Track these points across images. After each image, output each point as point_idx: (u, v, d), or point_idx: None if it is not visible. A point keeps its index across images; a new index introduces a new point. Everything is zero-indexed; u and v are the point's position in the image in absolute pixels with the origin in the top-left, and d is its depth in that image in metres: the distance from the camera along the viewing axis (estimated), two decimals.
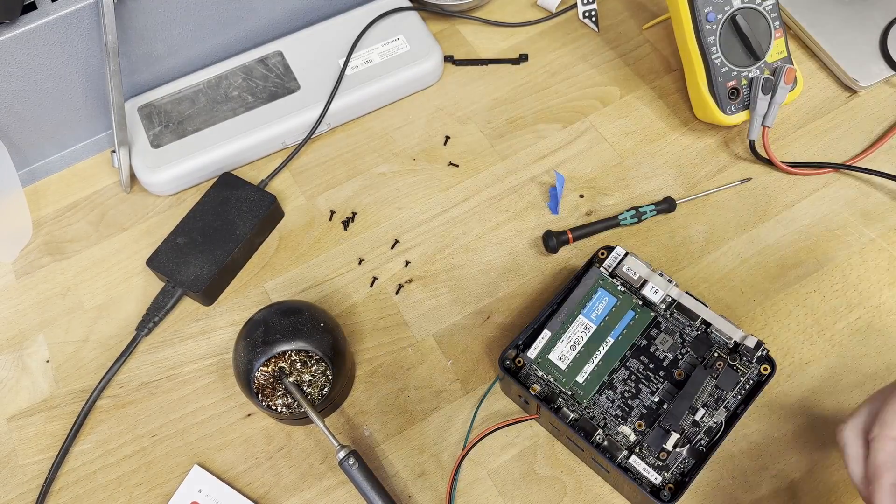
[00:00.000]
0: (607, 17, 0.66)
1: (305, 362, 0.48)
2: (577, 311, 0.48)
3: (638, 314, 0.47)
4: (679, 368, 0.46)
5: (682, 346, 0.46)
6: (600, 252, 0.49)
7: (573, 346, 0.47)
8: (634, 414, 0.45)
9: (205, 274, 0.54)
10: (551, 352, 0.47)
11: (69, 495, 0.49)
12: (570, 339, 0.47)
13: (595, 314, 0.47)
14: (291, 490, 0.49)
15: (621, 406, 0.45)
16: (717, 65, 0.56)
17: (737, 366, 0.45)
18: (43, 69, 0.55)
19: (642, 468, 0.43)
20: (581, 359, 0.46)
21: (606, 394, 0.46)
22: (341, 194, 0.59)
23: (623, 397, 0.45)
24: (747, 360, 0.45)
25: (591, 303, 0.48)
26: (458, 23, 0.67)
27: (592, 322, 0.47)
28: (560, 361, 0.46)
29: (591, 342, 0.47)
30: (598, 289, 0.48)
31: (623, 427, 0.45)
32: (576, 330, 0.47)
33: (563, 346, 0.47)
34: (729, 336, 0.46)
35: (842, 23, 0.62)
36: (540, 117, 0.62)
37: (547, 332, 0.47)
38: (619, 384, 0.46)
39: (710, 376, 0.45)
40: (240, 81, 0.61)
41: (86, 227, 0.59)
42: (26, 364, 0.54)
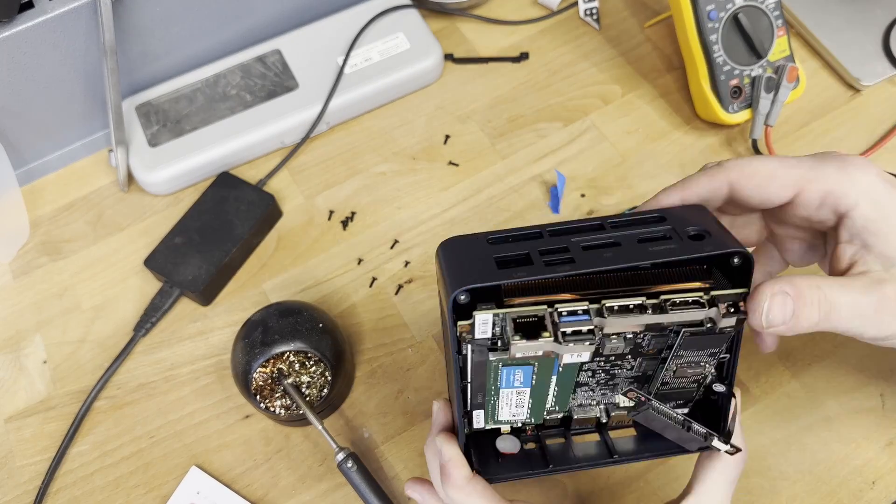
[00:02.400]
0: (608, 15, 0.66)
1: (304, 363, 0.48)
2: (494, 389, 0.35)
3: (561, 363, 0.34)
4: (647, 349, 0.35)
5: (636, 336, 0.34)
6: (461, 328, 0.32)
7: (518, 404, 0.36)
8: (620, 386, 0.37)
9: (203, 274, 0.53)
10: (498, 415, 0.37)
11: (67, 497, 0.49)
12: (508, 404, 0.36)
13: (518, 383, 0.35)
14: (290, 492, 0.48)
15: (603, 388, 0.37)
16: (720, 63, 0.56)
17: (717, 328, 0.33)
18: (40, 68, 0.54)
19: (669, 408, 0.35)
20: (537, 403, 0.37)
21: (581, 390, 0.37)
22: (340, 194, 0.59)
23: (600, 383, 0.37)
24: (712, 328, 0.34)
25: (504, 381, 0.35)
26: (458, 21, 0.66)
27: (521, 387, 0.35)
28: (515, 417, 0.37)
29: (536, 394, 0.36)
30: (500, 369, 0.34)
31: (617, 396, 0.37)
32: (508, 398, 0.36)
33: (506, 411, 0.37)
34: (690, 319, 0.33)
35: (845, 21, 0.62)
36: (541, 116, 0.61)
37: (477, 411, 0.37)
38: (589, 380, 0.36)
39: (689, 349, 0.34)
40: (238, 80, 0.60)
41: (83, 227, 0.59)
42: (23, 365, 0.53)
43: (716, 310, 0.32)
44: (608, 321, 0.32)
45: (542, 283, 0.32)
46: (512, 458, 0.39)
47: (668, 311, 0.32)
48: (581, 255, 0.32)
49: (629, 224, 0.35)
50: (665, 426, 0.36)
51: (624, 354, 0.35)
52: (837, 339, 0.51)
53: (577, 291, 0.32)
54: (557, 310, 0.32)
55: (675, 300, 0.32)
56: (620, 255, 0.32)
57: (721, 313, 0.32)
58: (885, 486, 0.46)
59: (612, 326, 0.32)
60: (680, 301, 0.32)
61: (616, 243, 0.33)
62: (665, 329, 0.33)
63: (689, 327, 0.33)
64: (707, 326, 0.33)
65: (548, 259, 0.32)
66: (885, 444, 0.47)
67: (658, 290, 0.32)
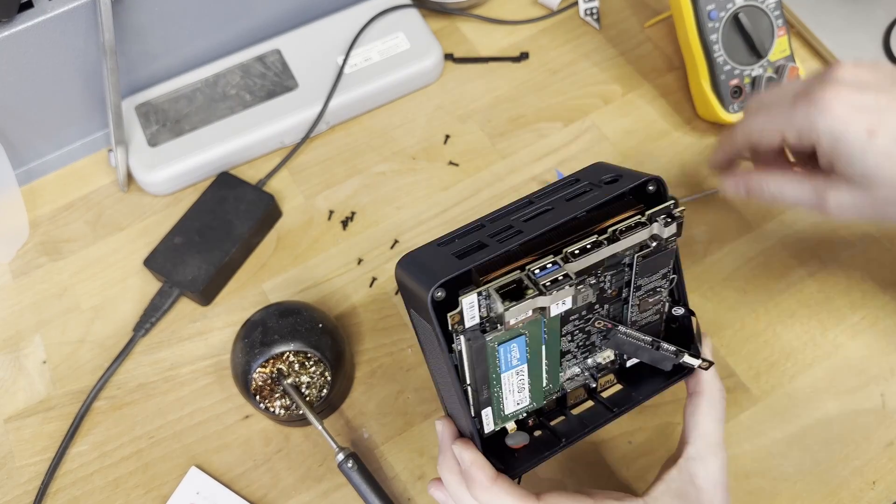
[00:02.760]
0: (609, 15, 0.66)
1: (304, 363, 0.47)
2: (495, 375, 0.37)
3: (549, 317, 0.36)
4: (610, 290, 0.38)
5: (598, 280, 0.37)
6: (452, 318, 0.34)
7: (519, 389, 0.38)
8: (598, 341, 0.40)
9: (202, 274, 0.53)
10: (504, 409, 0.39)
11: (66, 497, 0.49)
12: (511, 391, 0.38)
13: (515, 360, 0.37)
14: (290, 492, 0.48)
15: (584, 351, 0.40)
16: (720, 63, 0.56)
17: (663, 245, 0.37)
18: (40, 68, 0.54)
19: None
20: (535, 382, 0.39)
21: (566, 359, 0.40)
22: (340, 193, 0.59)
23: (580, 347, 0.40)
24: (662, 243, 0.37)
25: (502, 361, 0.36)
26: (459, 20, 0.66)
27: (518, 365, 0.37)
28: (518, 405, 0.39)
29: (531, 369, 0.38)
30: (497, 348, 0.36)
31: (598, 356, 0.41)
32: (510, 382, 0.38)
33: (510, 399, 0.38)
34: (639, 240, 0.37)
35: (845, 21, 0.62)
36: (541, 116, 0.61)
37: (485, 410, 0.38)
38: (570, 346, 0.39)
39: (645, 275, 0.38)
40: (238, 80, 0.60)
41: (82, 227, 0.58)
42: (23, 365, 0.53)
43: (657, 224, 0.36)
44: (575, 264, 0.35)
45: (504, 257, 0.35)
46: (524, 450, 0.40)
47: (619, 238, 0.36)
48: (525, 225, 0.36)
49: (553, 192, 0.39)
50: (637, 349, 0.40)
51: (592, 305, 0.38)
52: (838, 339, 0.51)
53: (535, 254, 0.36)
54: (530, 270, 0.35)
55: (621, 228, 0.36)
56: (558, 213, 0.36)
57: (662, 225, 0.36)
58: (885, 487, 0.46)
59: (578, 266, 0.35)
60: (626, 227, 0.36)
61: (550, 208, 0.37)
62: (621, 263, 0.37)
63: (640, 251, 0.37)
64: (653, 245, 0.37)
65: (500, 238, 0.36)
66: (885, 444, 0.47)
67: (602, 226, 0.36)
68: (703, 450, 0.39)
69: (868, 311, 0.51)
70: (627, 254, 0.37)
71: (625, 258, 0.37)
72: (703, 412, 0.40)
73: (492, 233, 0.36)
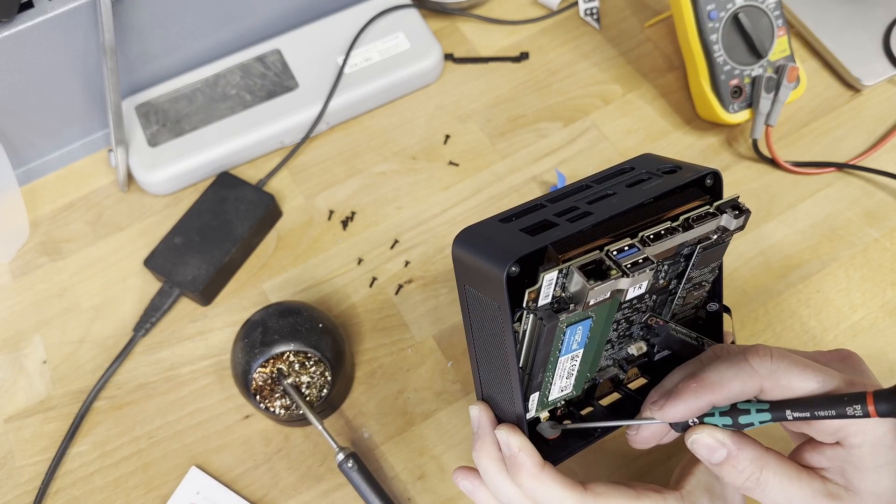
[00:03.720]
0: (609, 15, 0.66)
1: (304, 363, 0.47)
2: (554, 360, 0.36)
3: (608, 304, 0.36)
4: (663, 281, 0.38)
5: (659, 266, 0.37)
6: (529, 294, 0.33)
7: (568, 375, 0.38)
8: (635, 332, 0.40)
9: (202, 274, 0.53)
10: (549, 394, 0.38)
11: (66, 497, 0.49)
12: (561, 376, 0.38)
13: (576, 344, 0.36)
14: (290, 492, 0.48)
15: (620, 342, 0.40)
16: (720, 63, 0.56)
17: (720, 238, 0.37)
18: (40, 68, 0.54)
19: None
20: (582, 369, 0.38)
21: (605, 348, 0.40)
22: (340, 194, 0.59)
23: (621, 336, 0.40)
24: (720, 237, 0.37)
25: (564, 345, 0.36)
26: (459, 20, 0.66)
27: (577, 349, 0.37)
28: (563, 392, 0.39)
29: (585, 356, 0.38)
30: (564, 331, 0.35)
31: (632, 347, 0.40)
32: (563, 367, 0.37)
33: (558, 385, 0.38)
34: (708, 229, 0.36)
35: (845, 21, 0.62)
36: (541, 116, 0.61)
37: (533, 395, 0.37)
38: (612, 335, 0.39)
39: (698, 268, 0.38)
40: (238, 80, 0.60)
41: (83, 227, 0.58)
42: (23, 365, 0.53)
43: (727, 216, 0.36)
44: (652, 248, 0.34)
45: (578, 237, 0.34)
46: (556, 441, 0.39)
47: (693, 226, 0.35)
48: (592, 207, 0.35)
49: (608, 178, 0.38)
50: (682, 346, 0.39)
51: (642, 294, 0.38)
52: (838, 339, 0.51)
53: (609, 236, 0.35)
54: (609, 251, 0.34)
55: (694, 217, 0.36)
56: (624, 199, 0.36)
57: (732, 217, 0.36)
58: None
59: (656, 251, 0.35)
60: (697, 217, 0.36)
61: (613, 193, 0.36)
62: (679, 254, 0.37)
63: (701, 242, 0.37)
64: (716, 237, 0.37)
65: (568, 217, 0.35)
66: None
67: (673, 214, 0.36)
68: None
69: (868, 311, 0.51)
70: (689, 245, 0.37)
71: (684, 249, 0.37)
72: None
73: (557, 212, 0.35)
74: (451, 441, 0.49)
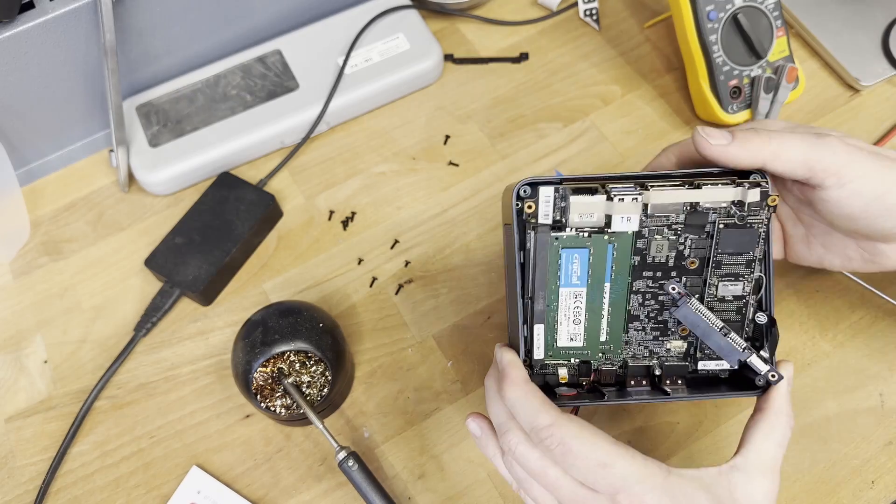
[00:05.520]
0: (608, 16, 0.66)
1: (304, 363, 0.48)
2: (554, 287, 0.39)
3: (616, 243, 0.39)
4: (689, 258, 0.39)
5: (678, 236, 0.39)
6: (527, 204, 0.37)
7: (575, 319, 0.40)
8: (672, 324, 0.40)
9: (203, 274, 0.53)
10: (557, 339, 0.40)
11: (67, 496, 0.49)
12: (566, 316, 0.40)
13: (576, 276, 0.39)
14: (290, 491, 0.48)
15: (655, 327, 0.40)
16: (719, 63, 0.56)
17: (748, 222, 0.38)
18: (41, 68, 0.54)
19: (715, 365, 0.40)
20: (592, 323, 0.40)
21: (633, 326, 0.40)
22: (340, 194, 0.59)
23: (651, 318, 0.40)
24: (754, 210, 0.38)
25: (563, 271, 0.39)
26: (458, 21, 0.67)
27: (578, 286, 0.39)
28: (573, 342, 0.40)
29: (590, 304, 0.39)
30: (560, 252, 0.38)
31: (670, 342, 0.40)
32: (567, 304, 0.39)
33: (564, 327, 0.40)
34: (724, 201, 0.38)
35: (844, 22, 0.62)
36: (540, 116, 0.61)
37: (538, 326, 0.40)
38: (640, 311, 0.40)
39: (726, 252, 0.39)
40: (238, 80, 0.60)
41: (83, 227, 0.59)
42: (24, 365, 0.53)
43: (742, 188, 0.37)
44: (651, 193, 0.37)
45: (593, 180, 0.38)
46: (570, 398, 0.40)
47: (700, 187, 0.37)
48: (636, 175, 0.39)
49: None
50: (705, 329, 0.38)
51: (669, 269, 0.39)
52: (837, 338, 0.51)
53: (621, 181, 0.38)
54: (606, 184, 0.38)
55: (703, 179, 0.38)
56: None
57: (746, 189, 0.37)
58: (884, 486, 0.46)
59: (655, 199, 0.37)
60: (709, 180, 0.37)
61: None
62: (703, 228, 0.38)
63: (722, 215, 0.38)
64: (738, 215, 0.38)
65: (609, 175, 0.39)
66: (884, 443, 0.47)
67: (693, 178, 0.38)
68: (754, 466, 0.37)
69: (867, 310, 0.52)
70: (710, 218, 0.38)
71: (707, 224, 0.38)
72: (763, 429, 0.38)
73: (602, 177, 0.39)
74: (452, 440, 0.49)
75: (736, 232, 0.38)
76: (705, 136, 0.38)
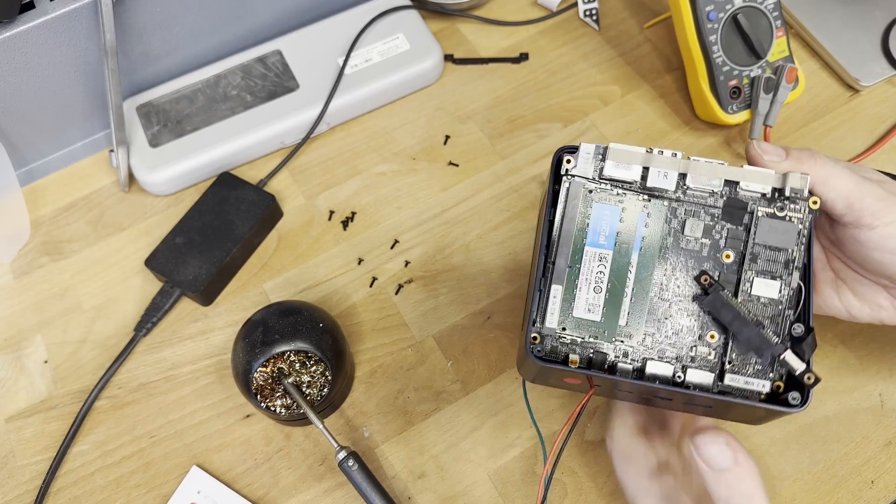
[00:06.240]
0: (608, 16, 0.66)
1: (304, 363, 0.48)
2: (579, 245, 0.37)
3: (649, 212, 0.37)
4: (724, 250, 0.37)
5: (715, 222, 0.37)
6: (565, 157, 0.37)
7: (596, 287, 0.37)
8: (698, 326, 0.37)
9: (203, 274, 0.53)
10: (574, 307, 0.37)
11: (67, 496, 0.49)
12: (588, 280, 0.37)
13: (603, 237, 0.37)
14: (290, 491, 0.48)
15: (680, 326, 0.37)
16: (719, 64, 0.56)
17: (787, 214, 0.36)
18: (41, 68, 0.54)
19: (744, 383, 0.36)
20: (613, 298, 0.37)
21: (656, 316, 0.37)
22: (340, 194, 0.59)
23: (679, 312, 0.37)
24: (795, 202, 0.37)
25: (591, 227, 0.37)
26: (458, 21, 0.67)
27: (605, 248, 0.37)
28: (590, 314, 0.37)
29: (615, 273, 0.37)
30: (591, 206, 0.37)
31: (697, 349, 0.37)
32: (590, 267, 0.37)
33: (584, 293, 0.37)
34: (764, 186, 0.37)
35: (843, 22, 0.62)
36: (540, 116, 0.61)
37: (556, 286, 0.37)
38: (666, 302, 0.37)
39: (763, 245, 0.36)
40: (238, 80, 0.61)
41: (84, 227, 0.59)
42: (24, 365, 0.53)
43: (782, 177, 0.37)
44: (692, 164, 0.37)
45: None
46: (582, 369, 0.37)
47: (741, 167, 0.37)
48: None
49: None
50: (735, 320, 0.36)
51: (702, 257, 0.37)
52: (837, 338, 0.51)
53: None
54: (649, 147, 0.37)
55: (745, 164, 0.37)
56: None
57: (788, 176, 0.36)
58: (884, 486, 0.46)
59: (694, 171, 0.37)
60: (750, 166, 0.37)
61: None
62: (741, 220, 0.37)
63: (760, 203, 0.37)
64: (778, 206, 0.37)
65: None
66: (883, 443, 0.47)
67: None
68: None
69: None
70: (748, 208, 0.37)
71: (745, 216, 0.37)
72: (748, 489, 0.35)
73: None
74: (452, 440, 0.49)
75: (774, 223, 0.36)
76: (760, 152, 0.38)
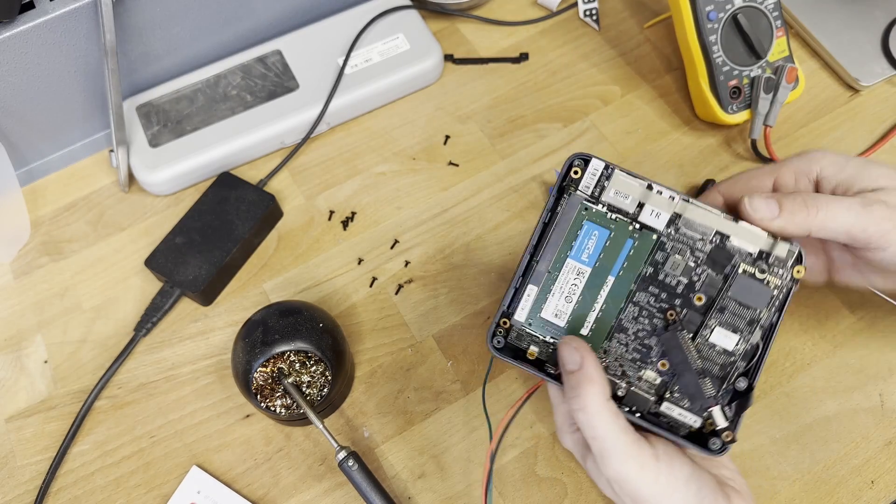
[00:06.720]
0: (608, 16, 0.66)
1: (304, 363, 0.48)
2: (563, 255, 0.39)
3: (637, 241, 0.38)
4: (698, 292, 0.38)
5: (697, 265, 0.38)
6: (573, 169, 0.39)
7: (568, 297, 0.39)
8: (655, 353, 0.38)
9: (203, 274, 0.53)
10: (543, 309, 0.39)
11: (67, 496, 0.49)
12: (562, 290, 0.39)
13: (586, 254, 0.39)
14: (290, 491, 0.48)
15: (637, 348, 0.38)
16: (719, 64, 0.56)
17: (766, 278, 0.38)
18: (41, 68, 0.54)
19: (677, 414, 0.38)
20: (581, 310, 0.39)
21: (617, 338, 0.39)
22: (340, 194, 0.59)
23: (637, 338, 0.38)
24: (777, 269, 0.38)
25: (578, 242, 0.39)
26: (458, 21, 0.67)
27: (585, 264, 0.39)
28: (556, 318, 0.39)
29: (588, 288, 0.39)
30: (583, 223, 0.39)
31: (645, 371, 0.38)
32: (567, 278, 0.39)
33: (555, 299, 0.39)
34: (752, 246, 0.38)
35: (843, 22, 0.62)
36: (540, 116, 0.61)
37: (532, 286, 0.39)
38: (630, 324, 0.39)
39: (734, 300, 0.38)
40: (238, 80, 0.61)
41: (84, 227, 0.59)
42: (24, 365, 0.53)
43: (773, 241, 0.38)
44: (689, 207, 0.38)
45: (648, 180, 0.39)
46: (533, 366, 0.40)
47: (737, 222, 0.38)
48: None
49: None
50: (681, 364, 0.38)
51: (676, 294, 0.38)
52: (837, 338, 0.51)
53: None
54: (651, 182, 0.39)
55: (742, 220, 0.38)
56: None
57: (777, 242, 0.38)
58: (884, 486, 0.46)
59: (690, 213, 0.38)
60: (746, 223, 0.38)
61: None
62: (722, 269, 0.38)
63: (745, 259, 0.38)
64: (759, 268, 0.38)
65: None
66: (883, 443, 0.47)
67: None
68: None
69: (866, 310, 0.52)
70: (732, 261, 0.38)
71: (727, 266, 0.38)
72: None
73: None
74: (452, 440, 0.49)
75: (752, 283, 0.38)
76: (752, 211, 0.38)
